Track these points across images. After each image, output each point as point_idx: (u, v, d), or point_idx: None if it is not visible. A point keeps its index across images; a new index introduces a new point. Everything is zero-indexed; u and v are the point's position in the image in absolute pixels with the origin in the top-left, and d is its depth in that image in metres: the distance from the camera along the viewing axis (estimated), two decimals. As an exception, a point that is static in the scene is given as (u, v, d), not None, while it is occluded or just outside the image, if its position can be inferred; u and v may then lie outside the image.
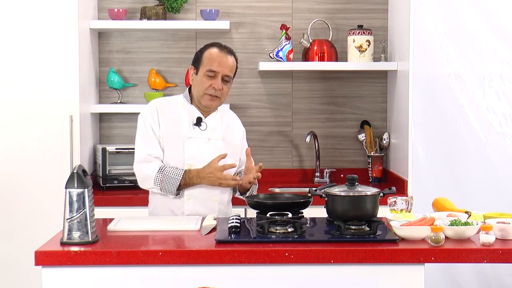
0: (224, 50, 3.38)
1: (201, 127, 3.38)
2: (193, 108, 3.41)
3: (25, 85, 4.14)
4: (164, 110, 3.40)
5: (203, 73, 3.34)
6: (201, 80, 3.34)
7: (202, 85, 3.34)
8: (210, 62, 3.33)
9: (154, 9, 4.53)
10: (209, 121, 3.41)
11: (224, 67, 3.33)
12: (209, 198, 3.39)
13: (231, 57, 3.38)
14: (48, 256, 2.66)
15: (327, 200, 2.96)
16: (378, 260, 2.70)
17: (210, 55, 3.35)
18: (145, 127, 3.38)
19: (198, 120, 3.38)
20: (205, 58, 3.35)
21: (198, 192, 3.37)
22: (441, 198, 3.36)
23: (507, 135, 4.45)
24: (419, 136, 4.45)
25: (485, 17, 4.45)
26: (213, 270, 2.70)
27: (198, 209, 3.37)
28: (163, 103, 3.45)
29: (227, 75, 3.35)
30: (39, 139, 4.14)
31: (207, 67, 3.33)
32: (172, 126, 3.37)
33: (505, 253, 2.73)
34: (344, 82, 4.77)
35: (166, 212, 3.40)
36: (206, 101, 3.35)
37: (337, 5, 4.74)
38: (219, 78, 3.33)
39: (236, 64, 3.42)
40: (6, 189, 4.14)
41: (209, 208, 3.38)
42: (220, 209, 3.43)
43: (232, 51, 3.42)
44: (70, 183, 2.75)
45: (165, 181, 3.30)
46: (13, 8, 4.11)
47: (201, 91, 3.34)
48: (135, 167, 3.38)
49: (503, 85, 4.46)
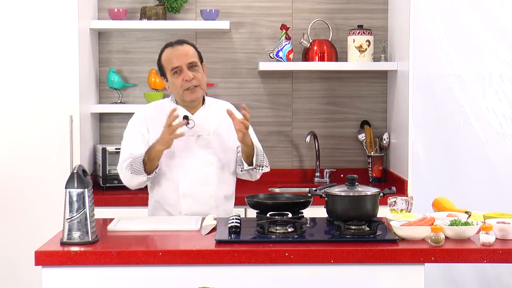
0: (174, 44, 3.40)
1: (189, 125, 3.38)
2: (180, 108, 3.40)
3: (25, 85, 4.14)
4: (152, 116, 3.41)
5: (170, 75, 3.36)
6: (172, 81, 3.36)
7: (176, 85, 3.35)
8: (169, 62, 3.36)
9: (154, 9, 4.53)
10: (197, 118, 3.40)
11: (182, 58, 3.34)
12: (204, 195, 3.38)
13: (184, 46, 3.39)
14: (48, 256, 2.66)
15: (327, 200, 2.96)
16: (378, 260, 2.70)
17: (166, 57, 3.38)
18: (133, 132, 3.41)
19: (185, 118, 3.38)
20: (164, 62, 3.39)
21: (192, 190, 3.36)
22: (441, 198, 3.36)
23: (507, 135, 4.45)
24: (419, 136, 4.45)
25: (485, 17, 4.45)
26: (213, 270, 2.70)
27: (195, 207, 3.36)
28: (151, 109, 3.47)
29: (190, 62, 3.35)
30: (39, 139, 4.14)
31: (169, 67, 3.35)
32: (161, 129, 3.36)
33: (505, 253, 2.73)
34: (344, 82, 4.77)
35: (161, 213, 3.41)
36: (189, 96, 3.36)
37: (337, 5, 4.74)
38: (185, 69, 3.33)
39: (194, 49, 3.41)
40: (6, 189, 4.13)
41: (206, 205, 3.37)
42: (218, 206, 3.41)
43: (182, 41, 3.43)
44: (70, 183, 2.75)
45: (133, 163, 3.29)
46: (13, 8, 4.11)
47: (178, 90, 3.35)
48: (118, 168, 3.38)
49: (503, 85, 4.45)
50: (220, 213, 3.39)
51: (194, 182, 3.37)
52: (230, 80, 4.73)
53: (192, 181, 3.37)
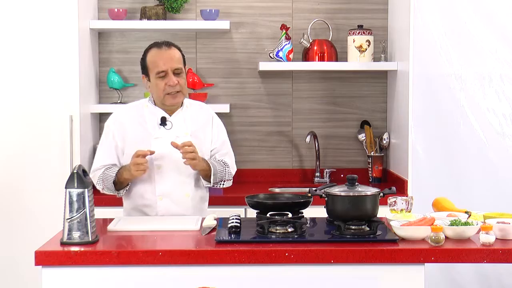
0: (162, 46, 3.38)
1: (167, 127, 3.38)
2: (157, 109, 3.41)
3: (25, 85, 4.14)
4: (128, 119, 3.42)
5: (154, 77, 3.34)
6: (155, 83, 3.35)
7: (158, 88, 3.34)
8: (155, 64, 3.34)
9: (154, 9, 4.53)
10: (174, 119, 3.40)
11: (169, 63, 3.33)
12: (181, 195, 3.38)
13: (171, 49, 3.38)
14: (48, 256, 2.67)
15: (327, 200, 2.96)
16: (378, 260, 2.70)
17: (152, 58, 3.36)
18: (107, 138, 3.42)
19: (162, 120, 3.38)
20: (149, 62, 3.37)
21: (169, 190, 3.36)
22: (441, 198, 3.36)
23: (507, 135, 4.45)
24: (419, 136, 4.45)
25: (485, 17, 4.45)
26: (213, 270, 2.70)
27: (171, 208, 3.37)
28: (126, 110, 3.48)
29: (176, 68, 3.34)
30: (39, 139, 4.14)
31: (155, 70, 3.33)
32: (139, 131, 3.38)
33: (505, 253, 2.73)
34: (344, 82, 4.77)
35: (139, 213, 3.41)
36: (170, 101, 3.35)
37: (337, 5, 4.74)
38: (171, 74, 3.32)
39: (180, 54, 3.40)
40: (6, 189, 4.13)
41: (183, 206, 3.38)
42: (194, 206, 3.41)
43: (170, 44, 3.41)
44: (70, 183, 2.76)
45: (105, 179, 3.33)
46: (13, 8, 4.11)
47: (160, 94, 3.35)
48: (91, 174, 3.38)
49: (503, 85, 4.45)
50: (196, 214, 3.38)
51: (171, 182, 3.37)
52: (230, 80, 4.73)
53: (169, 182, 3.37)
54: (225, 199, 4.08)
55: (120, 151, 3.39)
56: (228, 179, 3.45)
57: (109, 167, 3.36)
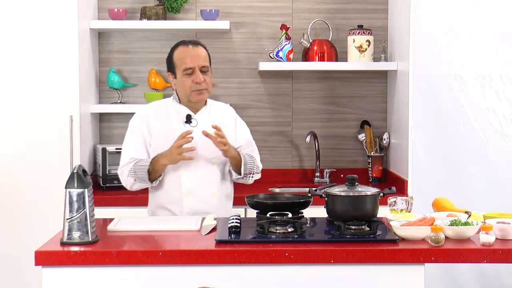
0: (189, 44, 3.42)
1: (192, 124, 3.41)
2: (182, 107, 3.44)
3: (25, 85, 4.14)
4: (154, 115, 3.44)
5: (181, 74, 3.38)
6: (182, 80, 3.38)
7: (185, 85, 3.37)
8: (182, 61, 3.37)
9: (154, 9, 4.53)
10: (199, 117, 3.43)
11: (196, 60, 3.37)
12: (207, 193, 3.40)
13: (198, 47, 3.42)
14: (48, 256, 2.67)
15: (327, 200, 2.96)
16: (378, 260, 2.70)
17: (179, 55, 3.39)
18: (134, 133, 3.43)
19: (188, 118, 3.41)
20: (176, 59, 3.40)
21: (195, 187, 3.38)
22: (441, 198, 3.36)
23: (507, 135, 4.45)
24: (419, 136, 4.45)
25: (485, 17, 4.45)
26: (213, 270, 2.70)
27: (197, 206, 3.38)
28: (152, 109, 3.49)
29: (203, 65, 3.38)
30: (39, 139, 4.14)
31: (182, 67, 3.37)
32: (164, 128, 3.40)
33: (505, 253, 2.73)
34: (344, 82, 4.77)
35: (164, 213, 3.42)
36: (195, 97, 3.38)
37: (337, 5, 4.74)
38: (197, 72, 3.36)
39: (206, 52, 3.44)
40: (6, 189, 4.13)
41: (208, 204, 3.39)
42: (219, 204, 3.43)
43: (197, 42, 3.46)
44: (70, 183, 2.75)
45: (137, 171, 3.33)
46: (13, 8, 4.11)
47: (187, 90, 3.38)
48: (118, 171, 3.42)
49: (503, 85, 4.45)
50: (221, 212, 3.39)
51: (197, 180, 3.39)
52: (230, 80, 4.73)
53: (195, 179, 3.39)
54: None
55: (148, 145, 3.40)
56: (257, 172, 3.48)
57: (139, 161, 3.36)
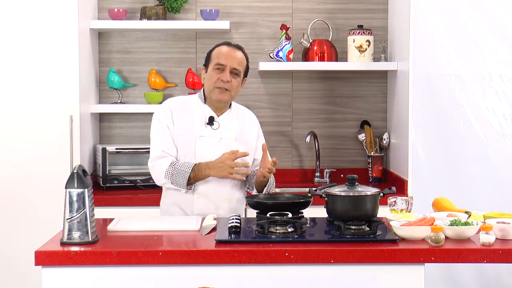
0: (232, 46, 3.43)
1: (213, 126, 3.39)
2: (206, 107, 3.42)
3: (25, 85, 4.14)
4: (178, 110, 3.42)
5: (212, 68, 3.37)
6: (210, 75, 3.38)
7: (211, 80, 3.37)
8: (218, 57, 3.38)
9: (154, 9, 4.53)
10: (222, 120, 3.42)
11: (231, 60, 3.36)
12: (219, 197, 3.38)
13: (239, 52, 3.42)
14: (48, 256, 2.66)
15: (327, 200, 2.96)
16: (378, 260, 2.70)
17: (218, 51, 3.40)
18: (160, 126, 3.40)
19: (210, 119, 3.39)
20: (214, 55, 3.40)
21: (208, 190, 3.37)
22: (441, 198, 3.36)
23: (507, 135, 4.45)
24: (419, 136, 4.45)
25: (485, 17, 4.45)
26: (213, 270, 2.70)
27: (208, 208, 3.36)
28: (177, 103, 3.47)
29: (235, 68, 3.36)
30: (39, 139, 4.14)
31: (215, 61, 3.37)
32: (186, 126, 3.38)
33: (505, 253, 2.73)
34: (344, 82, 4.77)
35: (176, 210, 3.41)
36: (216, 95, 3.36)
37: (337, 5, 4.74)
38: (227, 71, 3.35)
39: (245, 60, 3.43)
40: (6, 189, 4.14)
41: (219, 207, 3.38)
42: (231, 208, 3.40)
43: (241, 47, 3.46)
44: (70, 183, 2.75)
45: (176, 174, 3.30)
46: (13, 8, 4.11)
47: (211, 85, 3.37)
48: (150, 164, 3.39)
49: (503, 85, 4.46)
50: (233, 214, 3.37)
51: (210, 183, 3.37)
52: (230, 80, 4.72)
53: (209, 182, 3.37)
54: (225, 199, 4.07)
55: (173, 138, 3.38)
56: (273, 190, 3.49)
57: (175, 162, 3.32)
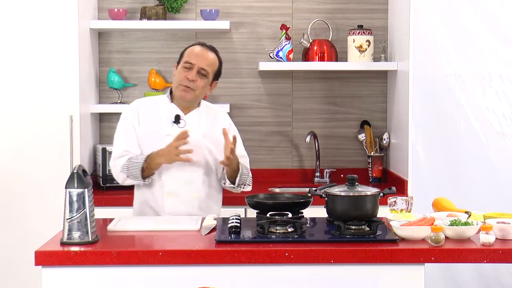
0: (205, 46, 3.43)
1: (180, 125, 3.39)
2: (173, 106, 3.42)
3: (25, 85, 4.14)
4: (145, 110, 3.43)
5: (181, 65, 3.38)
6: (178, 72, 3.39)
7: (178, 77, 3.38)
8: (189, 55, 3.39)
9: (154, 9, 4.53)
10: (189, 118, 3.41)
11: (201, 60, 3.36)
12: (188, 195, 3.38)
13: (211, 53, 3.42)
14: (48, 256, 2.67)
15: (327, 200, 2.96)
16: (378, 260, 2.70)
17: (191, 50, 3.41)
18: (125, 126, 3.42)
19: (176, 118, 3.39)
20: (186, 53, 3.42)
21: (175, 188, 3.36)
22: (441, 198, 3.36)
23: (507, 135, 4.45)
24: (419, 136, 4.45)
25: (485, 17, 4.45)
26: (213, 270, 2.70)
27: (179, 207, 3.37)
28: (145, 103, 3.49)
29: (204, 68, 3.36)
30: (39, 139, 4.14)
31: (185, 59, 3.38)
32: (152, 125, 3.40)
33: (505, 253, 2.73)
34: (344, 82, 4.77)
35: (148, 210, 3.42)
36: (180, 92, 3.37)
37: (337, 5, 4.74)
38: (195, 70, 3.35)
39: (218, 62, 3.43)
40: (6, 189, 4.13)
41: (189, 206, 3.38)
42: (201, 206, 3.41)
43: (214, 49, 3.45)
44: (70, 183, 2.75)
45: (130, 167, 3.31)
46: (13, 8, 4.11)
47: (176, 82, 3.38)
48: (111, 163, 3.41)
49: (503, 85, 4.46)
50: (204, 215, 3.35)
51: (178, 182, 3.37)
52: (230, 80, 4.72)
53: (177, 181, 3.37)
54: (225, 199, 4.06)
55: (138, 138, 3.39)
56: (248, 183, 3.47)
57: (132, 157, 3.34)
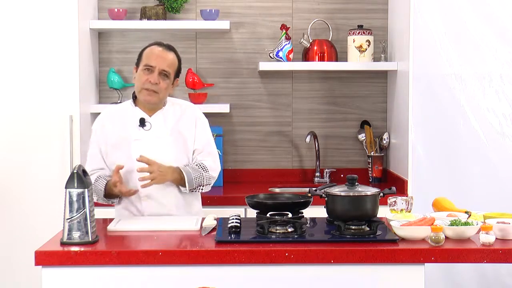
0: (163, 46, 3.40)
1: (145, 127, 3.37)
2: (137, 110, 3.40)
3: (25, 85, 4.14)
4: (111, 119, 3.42)
5: (141, 68, 3.35)
6: (139, 75, 3.36)
7: (139, 80, 3.35)
8: (148, 58, 3.35)
9: (154, 9, 4.53)
10: (154, 120, 3.39)
11: (161, 62, 3.33)
12: (165, 197, 3.35)
13: (170, 53, 3.38)
14: (48, 256, 2.67)
15: (327, 200, 2.96)
16: (378, 260, 2.70)
17: (148, 52, 3.38)
18: (92, 140, 3.45)
19: (141, 121, 3.37)
20: (144, 55, 3.38)
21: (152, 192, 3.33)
22: (441, 198, 3.36)
23: (507, 135, 4.45)
24: (419, 136, 4.45)
25: (485, 17, 4.45)
26: (213, 270, 2.70)
27: (156, 208, 3.35)
28: (111, 113, 3.47)
29: (165, 70, 3.33)
30: (39, 139, 4.14)
31: (144, 62, 3.35)
32: (121, 132, 3.37)
33: (505, 253, 2.73)
34: (344, 82, 4.77)
35: (127, 212, 3.41)
36: (144, 96, 3.34)
37: (337, 5, 4.74)
38: (156, 73, 3.32)
39: (177, 61, 3.40)
40: (6, 189, 4.13)
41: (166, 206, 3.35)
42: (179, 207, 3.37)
43: (172, 48, 3.42)
44: (70, 183, 2.76)
45: (96, 192, 3.32)
46: (13, 8, 4.11)
47: (139, 86, 3.36)
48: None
49: (503, 85, 4.46)
50: (182, 214, 3.37)
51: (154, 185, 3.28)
52: (230, 80, 4.73)
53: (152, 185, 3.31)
54: (225, 199, 4.08)
55: (104, 154, 3.39)
56: (206, 184, 3.39)
57: (97, 179, 3.33)
